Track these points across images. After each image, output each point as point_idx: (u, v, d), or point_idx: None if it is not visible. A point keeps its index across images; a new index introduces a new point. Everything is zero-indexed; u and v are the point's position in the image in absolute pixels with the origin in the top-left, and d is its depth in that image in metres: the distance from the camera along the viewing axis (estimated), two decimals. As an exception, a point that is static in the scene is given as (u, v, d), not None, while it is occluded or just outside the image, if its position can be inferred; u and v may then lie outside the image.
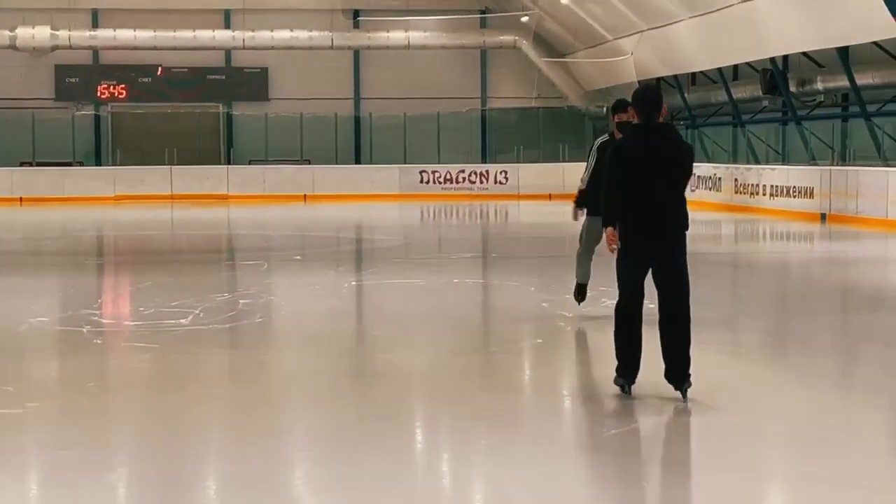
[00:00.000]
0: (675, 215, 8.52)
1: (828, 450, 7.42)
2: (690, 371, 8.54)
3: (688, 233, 8.57)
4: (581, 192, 12.70)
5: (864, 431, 8.02)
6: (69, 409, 8.74)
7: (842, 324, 13.14)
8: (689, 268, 8.67)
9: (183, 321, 12.70)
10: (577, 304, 12.67)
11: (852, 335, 12.22)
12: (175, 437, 7.82)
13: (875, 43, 27.41)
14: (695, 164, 29.69)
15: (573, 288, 12.75)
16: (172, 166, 41.07)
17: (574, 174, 42.91)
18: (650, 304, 8.71)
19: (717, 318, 12.57)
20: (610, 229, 8.55)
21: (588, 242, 12.57)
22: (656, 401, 8.83)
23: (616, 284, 8.86)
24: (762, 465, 7.19)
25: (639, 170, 8.41)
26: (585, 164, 12.61)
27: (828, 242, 23.88)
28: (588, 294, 12.66)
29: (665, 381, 8.54)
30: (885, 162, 28.08)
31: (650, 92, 8.62)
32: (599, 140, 12.38)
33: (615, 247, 8.58)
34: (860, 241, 23.17)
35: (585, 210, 12.57)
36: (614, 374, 8.83)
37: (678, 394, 8.48)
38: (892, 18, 24.19)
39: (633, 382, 8.71)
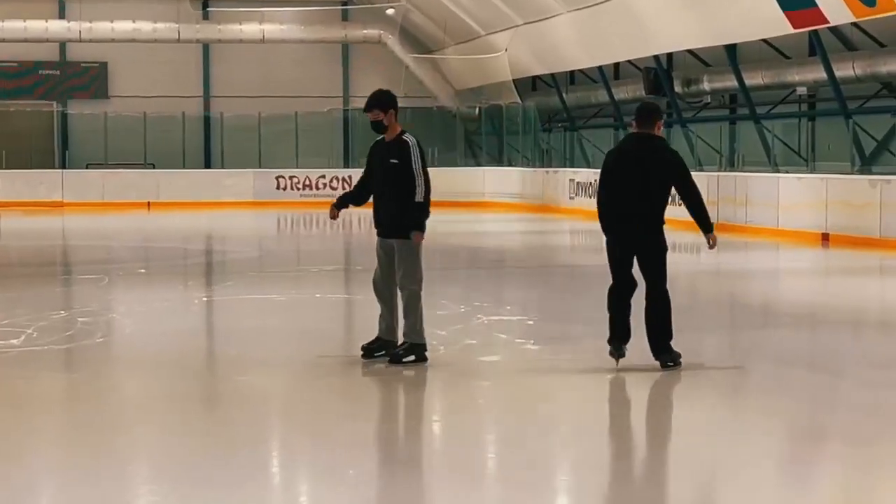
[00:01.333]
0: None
1: (716, 473, 7.56)
2: (671, 345, 10.62)
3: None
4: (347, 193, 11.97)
5: (753, 452, 8.18)
6: None
7: (730, 340, 13.38)
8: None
9: (14, 341, 12.50)
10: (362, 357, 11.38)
11: (742, 352, 12.44)
12: (4, 468, 7.69)
13: (764, 40, 28.00)
14: (573, 170, 30.66)
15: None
16: (0, 170, 40.40)
17: (445, 179, 43.14)
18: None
19: (600, 333, 12.71)
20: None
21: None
22: (532, 427, 8.94)
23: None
24: (651, 491, 7.30)
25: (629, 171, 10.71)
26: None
27: (716, 253, 24.26)
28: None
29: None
30: (776, 167, 28.66)
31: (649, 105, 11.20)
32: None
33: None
34: (749, 252, 23.61)
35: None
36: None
37: (559, 419, 8.57)
38: (782, 14, 24.69)
39: (621, 352, 10.62)
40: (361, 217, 35.38)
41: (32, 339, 12.71)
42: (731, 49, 29.00)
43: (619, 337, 10.67)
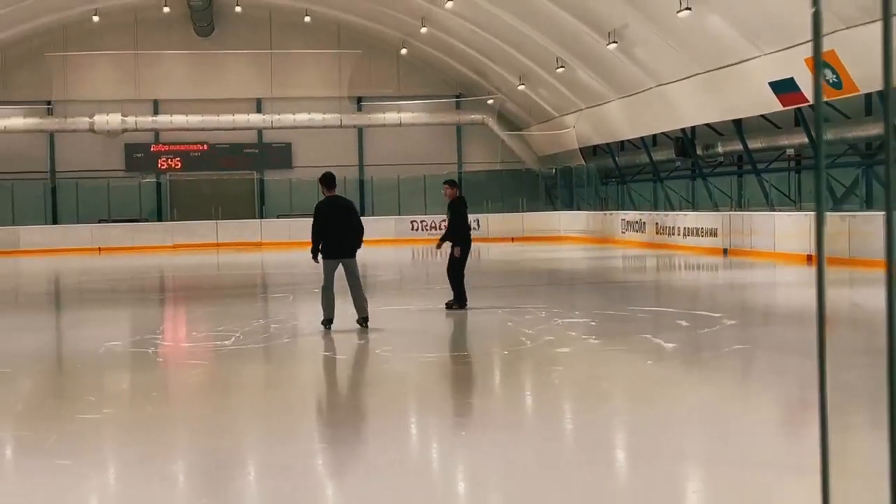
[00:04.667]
0: None
1: (730, 434, 7.41)
2: None
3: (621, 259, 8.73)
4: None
5: (757, 419, 8.02)
6: (137, 414, 8.69)
7: (740, 334, 13.14)
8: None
9: (226, 342, 12.66)
10: (326, 330, 13.56)
11: (749, 343, 12.22)
12: (221, 435, 7.77)
13: (762, 115, 27.63)
14: (624, 212, 30.25)
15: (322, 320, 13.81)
16: (218, 221, 41.08)
17: (530, 220, 42.61)
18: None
19: (643, 330, 12.58)
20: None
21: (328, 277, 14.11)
22: (593, 400, 8.84)
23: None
24: (677, 448, 7.18)
25: None
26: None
27: (729, 271, 23.92)
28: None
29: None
30: (772, 208, 28.25)
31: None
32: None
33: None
34: (754, 270, 23.23)
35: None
36: None
37: (614, 394, 8.44)
38: (775, 96, 24.44)
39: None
40: (472, 250, 35.42)
41: (239, 340, 12.86)
42: (738, 122, 28.66)
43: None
